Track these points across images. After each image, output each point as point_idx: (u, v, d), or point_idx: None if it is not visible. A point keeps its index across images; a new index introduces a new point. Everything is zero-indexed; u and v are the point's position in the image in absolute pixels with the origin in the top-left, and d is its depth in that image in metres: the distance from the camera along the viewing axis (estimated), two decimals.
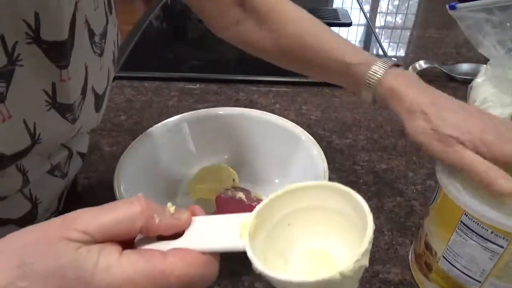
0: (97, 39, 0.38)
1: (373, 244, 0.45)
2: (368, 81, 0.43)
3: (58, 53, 0.33)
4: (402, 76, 0.42)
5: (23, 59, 0.31)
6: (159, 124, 0.55)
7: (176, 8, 1.24)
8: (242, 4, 0.51)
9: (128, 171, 0.47)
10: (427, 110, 0.38)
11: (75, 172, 0.50)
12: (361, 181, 0.56)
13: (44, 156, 0.40)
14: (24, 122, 0.32)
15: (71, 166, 0.47)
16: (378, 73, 0.42)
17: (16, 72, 0.30)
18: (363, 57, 0.45)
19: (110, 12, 0.42)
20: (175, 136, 0.55)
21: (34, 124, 0.33)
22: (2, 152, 0.31)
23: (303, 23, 0.50)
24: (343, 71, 0.46)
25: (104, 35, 0.40)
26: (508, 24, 0.59)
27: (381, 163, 0.60)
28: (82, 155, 0.50)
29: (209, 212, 0.47)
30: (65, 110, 0.36)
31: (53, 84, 0.34)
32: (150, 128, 0.54)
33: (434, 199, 0.41)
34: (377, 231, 0.49)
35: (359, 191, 0.53)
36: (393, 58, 0.44)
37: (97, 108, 0.43)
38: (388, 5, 1.32)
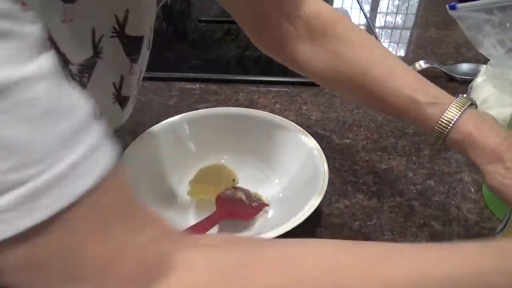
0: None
1: None
2: (441, 125, 0.40)
3: (135, 47, 0.35)
4: (479, 120, 0.40)
5: (103, 52, 0.32)
6: (159, 124, 0.55)
7: (176, 8, 1.24)
8: (289, 16, 0.45)
9: (128, 171, 0.47)
10: (506, 158, 0.37)
11: None
12: (361, 181, 0.56)
13: None
14: None
15: None
16: (454, 116, 0.39)
17: (97, 64, 0.32)
18: (435, 95, 0.41)
19: None
20: (175, 136, 0.55)
21: (100, 115, 0.36)
22: None
23: (368, 48, 0.45)
24: (412, 109, 0.42)
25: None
26: (508, 24, 0.59)
27: (381, 163, 0.60)
28: None
29: (209, 212, 0.47)
30: (123, 103, 0.38)
31: (122, 77, 0.35)
32: (150, 128, 0.54)
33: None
34: (377, 231, 0.49)
35: (359, 191, 0.53)
36: (464, 95, 0.42)
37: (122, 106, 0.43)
38: (388, 5, 1.32)
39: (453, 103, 0.40)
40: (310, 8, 0.45)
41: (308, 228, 0.49)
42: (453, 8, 0.62)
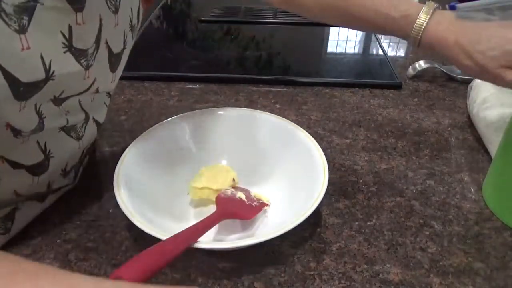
0: None
1: (373, 244, 0.45)
2: (413, 33, 0.48)
3: None
4: (443, 22, 0.47)
5: None
6: (159, 124, 0.55)
7: (176, 8, 1.24)
8: None
9: (128, 171, 0.47)
10: (468, 49, 0.44)
11: (90, 139, 0.50)
12: (361, 181, 0.56)
13: (61, 109, 0.42)
14: (41, 57, 0.35)
15: (86, 131, 0.48)
16: (422, 25, 0.47)
17: (37, 9, 0.33)
18: (405, 9, 0.49)
19: None
20: (175, 136, 0.55)
21: (50, 61, 0.36)
22: (18, 78, 0.34)
23: None
24: (388, 25, 0.50)
25: None
26: None
27: (381, 163, 0.60)
28: (98, 123, 0.51)
29: (209, 212, 0.47)
30: (80, 55, 0.39)
31: (70, 27, 0.37)
32: (150, 128, 0.54)
33: None
34: (377, 231, 0.49)
35: (359, 191, 0.53)
36: (430, 1, 0.49)
37: (112, 67, 0.45)
38: None
39: (420, 12, 0.48)
40: None
41: (308, 228, 0.49)
42: (453, 8, 0.63)
